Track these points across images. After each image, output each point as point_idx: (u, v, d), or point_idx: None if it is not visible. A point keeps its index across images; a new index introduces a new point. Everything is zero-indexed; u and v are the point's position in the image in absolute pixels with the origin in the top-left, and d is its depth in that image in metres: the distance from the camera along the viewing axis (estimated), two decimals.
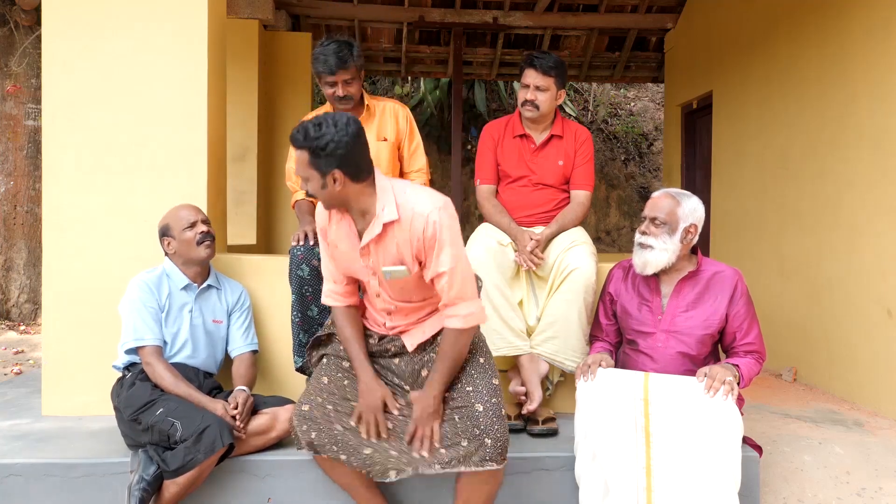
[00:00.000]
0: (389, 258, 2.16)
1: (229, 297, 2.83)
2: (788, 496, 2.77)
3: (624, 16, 6.98)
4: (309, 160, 2.05)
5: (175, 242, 2.68)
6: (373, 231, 2.12)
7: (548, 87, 2.96)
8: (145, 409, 2.44)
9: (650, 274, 2.58)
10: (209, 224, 2.74)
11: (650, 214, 2.55)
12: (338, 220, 2.24)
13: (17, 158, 6.30)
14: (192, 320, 2.70)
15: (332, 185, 2.07)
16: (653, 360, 2.55)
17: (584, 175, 3.08)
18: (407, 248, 2.13)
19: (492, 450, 2.13)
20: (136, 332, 2.57)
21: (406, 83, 10.04)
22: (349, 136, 2.04)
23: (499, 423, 2.16)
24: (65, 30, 3.03)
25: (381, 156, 3.05)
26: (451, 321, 2.17)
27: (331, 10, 6.70)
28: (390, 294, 2.25)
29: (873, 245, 3.72)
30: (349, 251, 2.23)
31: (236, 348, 2.79)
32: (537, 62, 2.94)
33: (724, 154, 5.59)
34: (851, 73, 3.93)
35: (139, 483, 2.23)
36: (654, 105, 10.37)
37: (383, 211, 2.10)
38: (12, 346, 5.59)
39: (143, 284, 2.63)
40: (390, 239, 2.13)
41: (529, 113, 3.00)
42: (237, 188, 5.59)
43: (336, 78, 2.88)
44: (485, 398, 2.19)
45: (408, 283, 2.21)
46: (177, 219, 2.69)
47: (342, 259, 2.27)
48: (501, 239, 2.96)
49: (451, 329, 2.18)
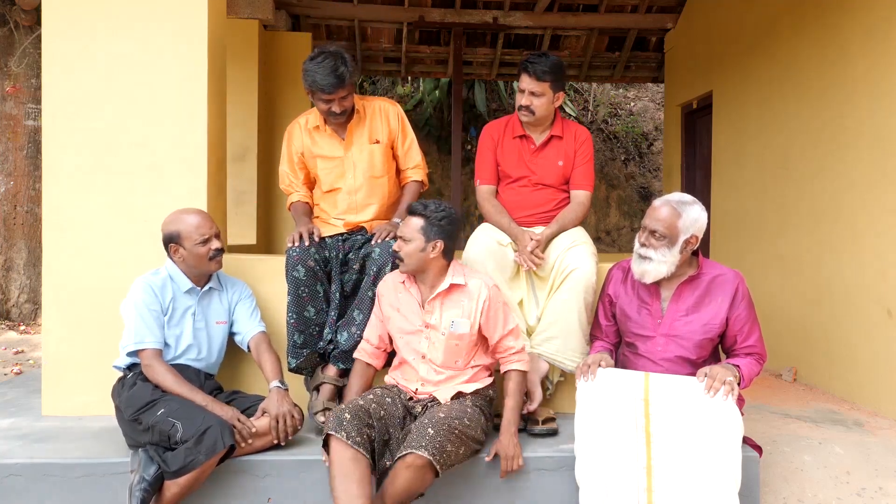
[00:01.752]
0: (454, 315, 2.54)
1: (231, 297, 2.83)
2: (788, 496, 2.77)
3: (624, 16, 6.98)
4: (423, 226, 2.50)
5: (185, 252, 2.64)
6: (441, 287, 2.54)
7: (543, 92, 2.94)
8: (146, 409, 2.44)
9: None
10: (219, 236, 2.72)
11: (650, 226, 2.51)
12: (400, 291, 2.62)
13: (17, 158, 6.31)
14: (195, 323, 2.70)
15: (429, 251, 2.51)
16: (653, 364, 2.54)
17: (584, 175, 3.08)
18: (469, 310, 2.54)
19: (431, 440, 2.24)
20: (137, 335, 2.57)
21: (406, 83, 10.04)
22: (457, 222, 2.59)
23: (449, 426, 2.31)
24: (65, 30, 3.02)
25: (375, 158, 3.04)
26: (518, 364, 2.58)
27: (331, 10, 6.70)
28: (438, 356, 2.56)
29: (873, 245, 3.72)
30: (410, 313, 2.59)
31: (248, 331, 2.79)
32: (531, 67, 2.90)
33: (724, 154, 5.59)
34: (851, 73, 3.93)
35: (140, 483, 2.23)
36: (654, 105, 10.37)
37: (453, 276, 2.57)
38: (12, 346, 5.59)
39: (146, 287, 2.62)
40: (455, 300, 2.55)
41: (525, 118, 3.00)
42: (237, 188, 5.58)
43: (333, 97, 2.84)
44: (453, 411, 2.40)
45: (461, 343, 2.55)
46: (190, 229, 2.63)
47: (399, 322, 2.61)
48: (501, 239, 2.96)
49: (517, 371, 2.58)
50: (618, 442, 2.29)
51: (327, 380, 2.84)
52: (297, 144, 3.08)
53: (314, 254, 2.84)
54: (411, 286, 2.62)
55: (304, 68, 2.86)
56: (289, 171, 3.12)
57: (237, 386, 2.95)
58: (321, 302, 2.87)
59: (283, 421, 2.51)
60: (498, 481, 2.52)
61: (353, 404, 2.37)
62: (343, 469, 2.21)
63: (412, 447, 2.21)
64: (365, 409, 2.35)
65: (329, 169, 3.04)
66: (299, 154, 3.08)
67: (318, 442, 2.64)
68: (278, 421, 2.51)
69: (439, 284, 2.57)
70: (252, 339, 2.78)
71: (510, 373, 2.58)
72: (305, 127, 3.07)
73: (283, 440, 2.52)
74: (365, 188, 3.04)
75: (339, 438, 2.24)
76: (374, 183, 3.05)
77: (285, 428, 2.51)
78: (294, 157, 3.09)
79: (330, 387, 2.84)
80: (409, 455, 2.21)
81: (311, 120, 3.06)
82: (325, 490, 2.45)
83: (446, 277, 2.57)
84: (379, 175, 3.06)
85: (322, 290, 2.87)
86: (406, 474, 2.22)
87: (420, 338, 2.59)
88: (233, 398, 2.67)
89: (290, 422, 2.52)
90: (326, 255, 2.92)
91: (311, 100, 2.94)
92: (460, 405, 2.46)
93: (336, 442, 2.24)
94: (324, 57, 2.82)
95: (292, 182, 3.13)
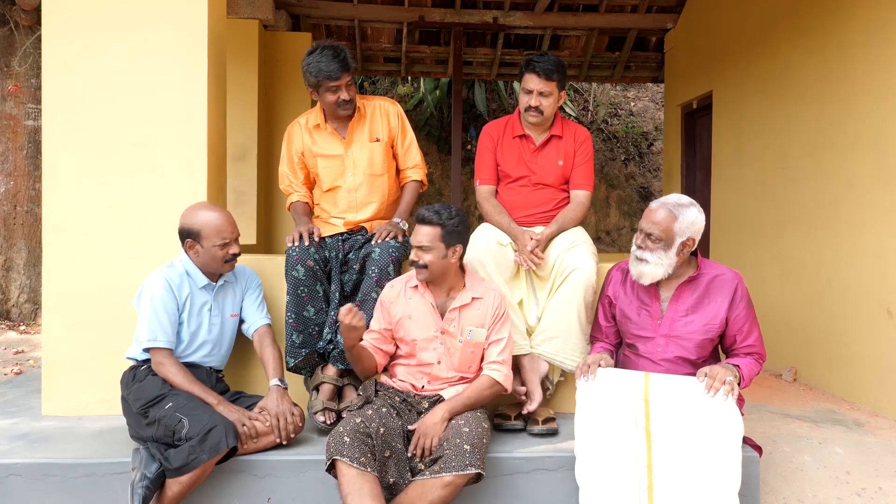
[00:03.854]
0: (471, 324, 2.59)
1: (242, 287, 2.84)
2: (788, 496, 2.77)
3: (624, 16, 6.98)
4: (441, 235, 2.52)
5: (202, 251, 2.63)
6: (462, 301, 2.60)
7: (551, 92, 2.94)
8: (155, 402, 2.44)
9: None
10: (238, 240, 2.70)
11: (646, 229, 2.51)
12: (411, 297, 2.63)
13: (17, 158, 6.30)
14: (212, 318, 2.70)
15: (450, 257, 2.56)
16: (653, 364, 2.55)
17: (584, 175, 3.07)
18: (484, 319, 2.59)
19: (471, 455, 2.25)
20: (151, 332, 2.56)
21: (406, 83, 10.04)
22: (468, 220, 2.65)
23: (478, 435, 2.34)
24: (65, 30, 3.02)
25: (375, 156, 3.05)
26: (493, 372, 2.55)
27: (331, 10, 6.70)
28: (453, 362, 2.59)
29: (873, 245, 3.72)
30: (424, 319, 2.61)
31: (253, 322, 2.80)
32: (539, 67, 2.88)
33: (724, 154, 5.59)
34: (851, 73, 3.93)
35: (142, 481, 2.23)
36: (654, 105, 10.37)
37: (472, 289, 2.62)
38: (12, 346, 5.59)
39: (165, 283, 2.60)
40: (473, 311, 2.60)
41: (534, 119, 2.98)
42: (237, 188, 5.59)
43: (340, 83, 2.87)
44: (472, 423, 2.40)
45: (477, 351, 2.59)
46: (212, 230, 2.60)
47: (412, 328, 2.61)
48: (501, 239, 2.95)
49: (488, 377, 2.55)
50: (618, 441, 2.29)
51: (327, 379, 2.85)
52: (297, 144, 3.08)
53: (314, 254, 2.84)
54: (424, 291, 2.62)
55: (306, 63, 2.88)
56: (288, 171, 3.13)
57: (240, 386, 2.95)
58: (321, 302, 2.87)
59: (283, 419, 2.51)
60: (497, 481, 2.52)
61: (351, 425, 2.32)
62: (355, 486, 2.20)
63: (453, 469, 2.23)
64: (363, 428, 2.33)
65: (329, 167, 3.04)
66: (299, 154, 3.08)
67: (319, 442, 2.65)
68: (278, 419, 2.51)
69: (456, 290, 2.62)
70: (257, 331, 2.78)
71: (484, 375, 2.57)
72: (306, 126, 3.07)
73: (285, 439, 2.52)
74: (365, 186, 3.04)
75: (345, 462, 2.23)
76: (374, 181, 3.06)
77: (285, 426, 2.51)
78: (294, 156, 3.09)
79: (330, 386, 2.84)
80: (448, 476, 2.23)
81: (311, 119, 3.07)
82: (325, 490, 2.45)
83: (466, 290, 2.62)
84: (379, 173, 3.06)
85: (322, 290, 2.87)
86: (444, 492, 2.23)
87: (435, 343, 2.60)
88: (236, 398, 2.67)
89: (289, 419, 2.52)
90: (326, 254, 2.93)
91: (315, 97, 2.96)
92: (472, 413, 2.48)
93: (342, 464, 2.24)
94: (322, 48, 2.88)
95: (292, 182, 3.13)
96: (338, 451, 2.24)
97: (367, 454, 2.26)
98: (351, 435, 2.28)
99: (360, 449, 2.26)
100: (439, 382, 2.61)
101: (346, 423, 2.36)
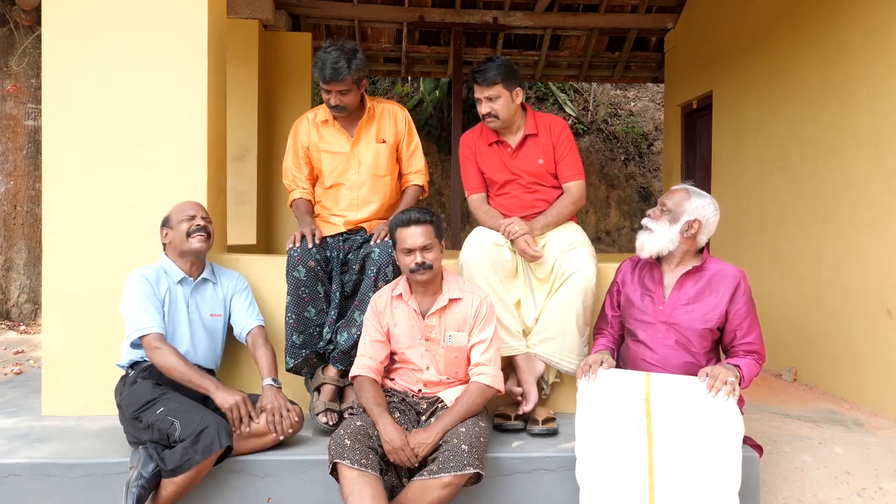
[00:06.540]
0: (452, 328, 2.58)
1: (226, 289, 2.83)
2: (788, 496, 2.77)
3: (624, 16, 6.98)
4: (434, 231, 2.56)
5: (172, 233, 2.72)
6: (440, 303, 2.57)
7: (498, 95, 2.94)
8: (146, 407, 2.44)
9: (647, 257, 2.62)
10: (208, 220, 2.76)
11: (661, 199, 2.67)
12: (395, 306, 2.62)
13: (17, 158, 6.30)
14: (190, 315, 2.70)
15: (442, 253, 2.60)
16: (651, 351, 2.56)
17: (570, 165, 3.05)
18: (464, 322, 2.57)
19: (469, 455, 2.25)
20: (139, 322, 2.57)
21: (406, 83, 10.04)
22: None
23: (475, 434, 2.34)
24: (65, 30, 3.02)
25: (381, 158, 3.05)
26: (481, 377, 2.52)
27: (331, 10, 6.70)
28: (441, 366, 2.59)
29: (873, 245, 3.72)
30: (409, 328, 2.60)
31: (245, 325, 2.80)
32: (479, 77, 2.94)
33: (724, 154, 5.59)
34: (851, 73, 3.93)
35: (137, 480, 2.24)
36: (654, 105, 10.37)
37: (449, 290, 2.60)
38: (12, 346, 5.59)
39: (141, 278, 2.64)
40: (453, 314, 2.58)
41: (493, 124, 3.01)
42: (237, 188, 5.59)
43: (330, 87, 2.88)
44: (468, 423, 2.40)
45: (461, 355, 2.59)
46: (178, 210, 2.75)
47: (398, 336, 2.61)
48: (497, 239, 2.95)
49: (476, 384, 2.51)
50: (619, 441, 2.29)
51: (328, 380, 2.85)
52: (304, 138, 3.08)
53: (315, 254, 2.84)
54: (409, 298, 2.61)
55: (315, 57, 2.93)
56: (293, 166, 3.12)
57: (237, 386, 2.94)
58: (322, 302, 2.87)
59: (279, 414, 2.51)
60: (497, 481, 2.52)
61: (352, 428, 2.33)
62: (356, 488, 2.20)
63: (452, 469, 2.23)
64: (364, 430, 2.33)
65: (334, 164, 3.05)
66: (305, 148, 3.08)
67: (319, 442, 2.65)
68: (273, 415, 2.51)
69: (437, 295, 2.59)
70: (250, 333, 2.78)
71: (472, 383, 2.53)
72: (314, 121, 3.08)
73: (282, 433, 2.52)
74: (368, 185, 3.05)
75: (345, 464, 2.23)
76: (377, 181, 3.06)
77: (281, 421, 2.51)
78: (300, 151, 3.09)
79: (331, 387, 2.84)
80: (446, 476, 2.23)
81: (319, 114, 3.08)
82: (325, 490, 2.45)
83: (443, 293, 2.59)
84: (382, 174, 3.07)
85: (322, 291, 2.87)
86: (443, 492, 2.23)
87: (421, 350, 2.60)
88: None
89: (285, 414, 2.52)
90: (327, 254, 2.93)
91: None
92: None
93: (343, 467, 2.24)
94: (332, 49, 2.87)
95: (296, 177, 3.12)
96: (339, 454, 2.24)
97: (368, 455, 2.26)
98: (351, 437, 2.29)
99: (360, 451, 2.26)
100: (434, 386, 2.62)
101: (346, 425, 2.36)
